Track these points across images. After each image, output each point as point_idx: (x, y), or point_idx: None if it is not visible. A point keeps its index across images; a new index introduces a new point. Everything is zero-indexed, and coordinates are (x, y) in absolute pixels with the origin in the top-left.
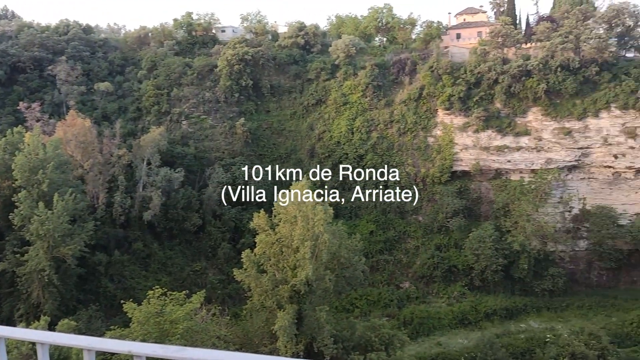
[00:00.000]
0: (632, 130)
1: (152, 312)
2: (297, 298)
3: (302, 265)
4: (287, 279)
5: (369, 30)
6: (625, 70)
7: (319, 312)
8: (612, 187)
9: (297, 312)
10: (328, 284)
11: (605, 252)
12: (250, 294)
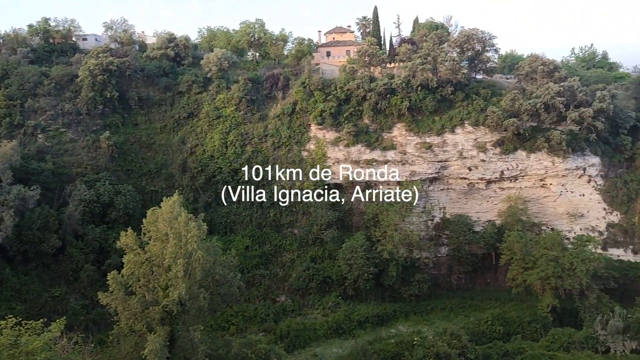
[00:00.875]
0: (483, 145)
1: (4, 344)
2: (169, 319)
3: (175, 285)
4: (158, 299)
5: (242, 45)
6: (476, 90)
7: (193, 333)
8: (468, 197)
9: (169, 334)
10: (202, 302)
11: (463, 257)
12: (118, 318)
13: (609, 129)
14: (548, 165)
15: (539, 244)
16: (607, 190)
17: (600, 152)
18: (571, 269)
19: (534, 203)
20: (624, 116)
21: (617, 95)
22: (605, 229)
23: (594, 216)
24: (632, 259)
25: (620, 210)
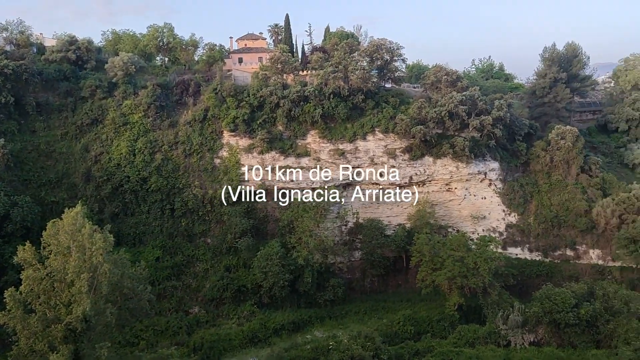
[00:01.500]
0: (393, 151)
1: None
2: (73, 337)
3: (78, 300)
4: (61, 317)
5: (150, 49)
6: (385, 98)
7: (100, 350)
8: (379, 202)
9: (73, 353)
10: (109, 318)
11: (375, 260)
12: (16, 338)
13: (506, 136)
14: (453, 170)
15: (446, 246)
16: (506, 193)
17: (499, 158)
18: (475, 268)
19: (441, 206)
20: (519, 124)
21: (513, 104)
22: (505, 229)
23: (495, 217)
24: (529, 257)
25: (517, 211)
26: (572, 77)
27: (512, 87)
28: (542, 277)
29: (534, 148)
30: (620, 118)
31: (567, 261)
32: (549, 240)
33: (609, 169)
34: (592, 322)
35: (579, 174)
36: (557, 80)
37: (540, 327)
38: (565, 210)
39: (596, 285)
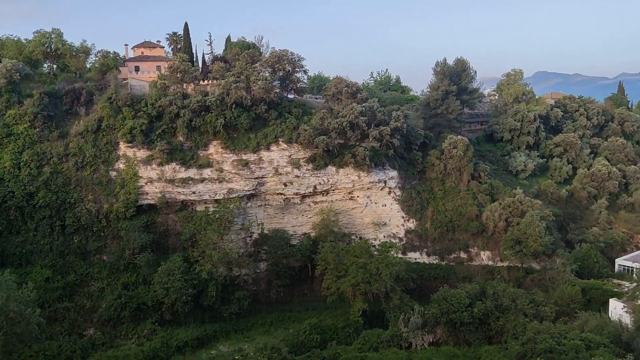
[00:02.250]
0: (297, 161)
1: None
2: None
3: None
4: None
5: (36, 56)
6: (288, 109)
7: None
8: (284, 212)
9: None
10: None
11: (281, 270)
12: None
13: (404, 145)
14: (355, 179)
15: (349, 253)
16: (404, 200)
17: (398, 166)
18: (378, 274)
19: (344, 214)
20: (415, 134)
21: (409, 116)
22: (405, 235)
23: (395, 224)
24: (427, 261)
25: (415, 217)
26: (461, 90)
27: (408, 99)
28: (440, 280)
29: (429, 157)
30: (504, 128)
31: (461, 263)
32: (444, 244)
33: (495, 176)
34: (484, 320)
35: (470, 181)
36: (448, 93)
37: (439, 328)
38: (459, 215)
39: (487, 285)
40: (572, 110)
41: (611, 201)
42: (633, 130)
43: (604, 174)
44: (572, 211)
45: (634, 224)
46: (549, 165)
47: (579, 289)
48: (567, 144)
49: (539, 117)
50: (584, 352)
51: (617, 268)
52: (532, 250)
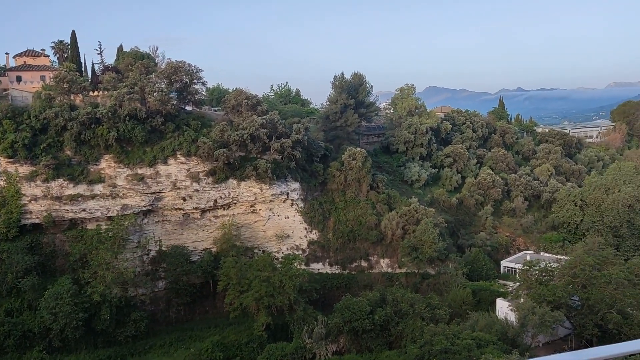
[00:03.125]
0: (196, 175)
1: None
2: None
3: None
4: None
5: None
6: (186, 121)
7: None
8: (184, 227)
9: None
10: None
11: (181, 288)
12: None
13: (305, 158)
14: (257, 192)
15: (252, 267)
16: (307, 211)
17: (300, 178)
18: (281, 286)
19: (247, 228)
20: (316, 146)
21: (310, 128)
22: (307, 246)
23: (298, 235)
24: (329, 271)
25: (317, 228)
26: (359, 103)
27: (308, 111)
28: (342, 289)
29: (330, 168)
30: (400, 140)
31: (362, 271)
32: (346, 254)
33: (392, 186)
34: (384, 326)
35: (369, 191)
36: (346, 106)
37: (342, 337)
38: (359, 224)
39: (387, 292)
40: (459, 123)
41: (496, 207)
42: (512, 141)
43: (489, 182)
44: (462, 217)
45: (515, 228)
46: (441, 175)
47: (470, 291)
48: (456, 154)
49: (431, 129)
50: (475, 350)
51: (502, 269)
52: (428, 256)
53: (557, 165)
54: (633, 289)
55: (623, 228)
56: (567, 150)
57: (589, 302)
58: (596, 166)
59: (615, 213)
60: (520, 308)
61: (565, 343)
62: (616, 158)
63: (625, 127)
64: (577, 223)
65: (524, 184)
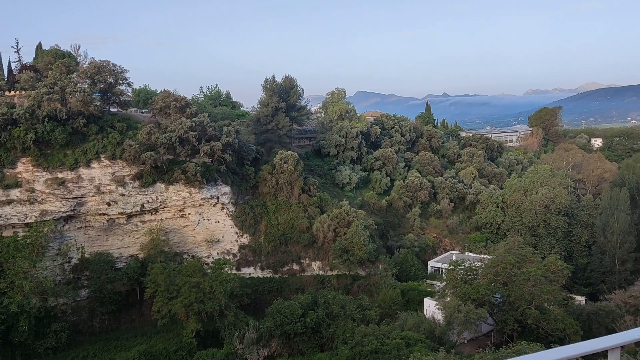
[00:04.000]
0: (122, 179)
1: None
2: None
3: None
4: None
5: None
6: (111, 123)
7: None
8: (108, 233)
9: None
10: None
11: (106, 297)
12: None
13: (236, 161)
14: (186, 196)
15: (181, 273)
16: (238, 215)
17: (230, 182)
18: (211, 292)
19: (175, 233)
20: (247, 149)
21: (240, 131)
22: (238, 250)
23: (229, 240)
24: (261, 275)
25: (249, 232)
26: (290, 106)
27: (239, 114)
28: (274, 293)
29: (261, 172)
30: (331, 144)
31: (294, 275)
32: (277, 257)
33: (324, 189)
34: (316, 329)
35: (301, 194)
36: (278, 109)
37: (273, 341)
38: (291, 228)
39: (319, 294)
40: (388, 127)
41: (423, 209)
42: (438, 145)
43: (417, 185)
44: (391, 219)
45: (442, 229)
46: (371, 178)
47: (399, 291)
48: (385, 158)
49: (361, 133)
50: (404, 349)
51: (429, 269)
52: (358, 257)
53: (480, 168)
54: (549, 285)
55: (540, 227)
56: (489, 154)
57: (510, 299)
58: (516, 169)
59: (533, 213)
60: (446, 307)
61: (489, 339)
62: (533, 161)
63: (541, 132)
64: (498, 223)
65: (449, 187)
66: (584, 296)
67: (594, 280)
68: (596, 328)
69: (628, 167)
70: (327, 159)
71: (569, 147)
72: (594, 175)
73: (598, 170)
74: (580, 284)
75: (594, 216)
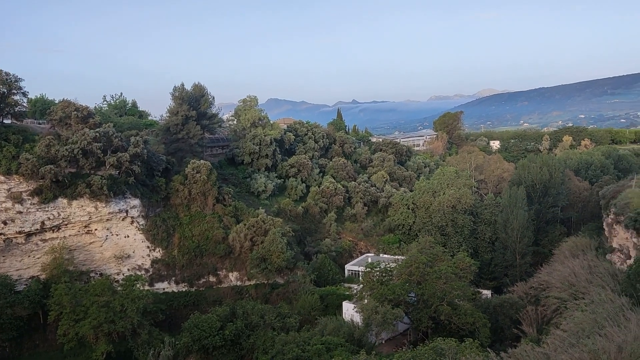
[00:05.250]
0: (18, 195)
1: None
2: None
3: None
4: None
5: None
6: (5, 136)
7: None
8: (6, 254)
9: None
10: None
11: (5, 322)
12: None
13: (145, 172)
14: (91, 210)
15: (89, 292)
16: (149, 229)
17: (140, 194)
18: (123, 310)
19: (81, 251)
20: (156, 159)
21: (149, 141)
22: (151, 265)
23: (140, 255)
24: (176, 290)
25: (161, 246)
26: (201, 115)
27: (147, 123)
28: (190, 307)
29: (173, 183)
30: (244, 152)
31: (211, 287)
32: (193, 270)
33: (239, 198)
34: (236, 340)
35: (215, 204)
36: (188, 118)
37: (191, 357)
38: (206, 239)
39: (237, 305)
40: (302, 134)
41: (339, 214)
42: (351, 150)
43: (332, 190)
44: (308, 225)
45: (357, 233)
46: (286, 185)
47: (318, 297)
48: (300, 164)
49: (275, 140)
50: (325, 354)
51: (347, 273)
52: (276, 265)
53: (391, 172)
54: (459, 281)
55: (448, 227)
56: (399, 158)
57: (424, 297)
58: (424, 172)
59: (441, 214)
60: (364, 309)
61: (405, 337)
62: (440, 164)
63: (446, 135)
64: (410, 225)
65: (363, 191)
66: (489, 290)
67: (498, 274)
68: (502, 319)
69: (524, 167)
70: (242, 167)
71: (471, 150)
72: (495, 176)
73: (498, 170)
74: (486, 279)
75: (495, 214)
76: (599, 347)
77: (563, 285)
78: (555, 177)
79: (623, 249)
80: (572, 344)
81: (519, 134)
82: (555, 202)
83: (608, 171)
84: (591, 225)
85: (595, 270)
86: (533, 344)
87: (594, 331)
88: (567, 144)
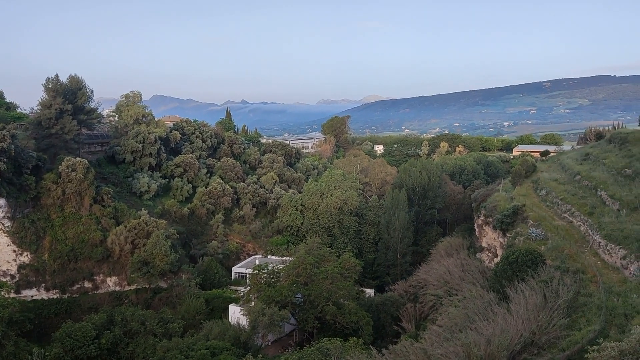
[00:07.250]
0: None
1: None
2: None
3: None
4: None
5: None
6: None
7: None
8: None
9: None
10: None
11: None
12: None
13: (12, 169)
14: None
15: None
16: (16, 231)
17: (6, 193)
18: None
19: None
20: (26, 156)
21: (17, 135)
22: (17, 271)
23: (5, 259)
24: (46, 297)
25: (30, 250)
26: (78, 109)
27: (15, 116)
28: (62, 315)
29: (44, 181)
30: (126, 150)
31: (86, 294)
32: (66, 276)
33: (120, 198)
34: (113, 349)
35: (92, 205)
36: (63, 112)
37: None
38: (81, 242)
39: (115, 312)
40: (189, 132)
41: (226, 215)
42: (240, 151)
43: (220, 191)
44: (194, 227)
45: (245, 234)
46: (172, 185)
47: (203, 300)
48: (186, 164)
49: (160, 139)
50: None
51: (234, 276)
52: (160, 269)
53: (280, 173)
54: (345, 281)
55: (335, 228)
56: (288, 160)
57: (310, 298)
58: (312, 174)
59: (328, 215)
60: (251, 311)
61: (291, 338)
62: (328, 166)
63: (333, 139)
64: (298, 226)
65: (252, 192)
66: (372, 289)
67: (380, 274)
68: (384, 317)
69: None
70: (123, 166)
71: (357, 153)
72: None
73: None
74: (369, 278)
75: (379, 215)
76: (471, 341)
77: (439, 283)
78: (433, 181)
79: (491, 248)
80: (447, 338)
81: (401, 139)
82: (433, 204)
83: (479, 176)
84: (464, 226)
85: (467, 268)
86: (412, 340)
87: (466, 325)
88: (444, 150)
